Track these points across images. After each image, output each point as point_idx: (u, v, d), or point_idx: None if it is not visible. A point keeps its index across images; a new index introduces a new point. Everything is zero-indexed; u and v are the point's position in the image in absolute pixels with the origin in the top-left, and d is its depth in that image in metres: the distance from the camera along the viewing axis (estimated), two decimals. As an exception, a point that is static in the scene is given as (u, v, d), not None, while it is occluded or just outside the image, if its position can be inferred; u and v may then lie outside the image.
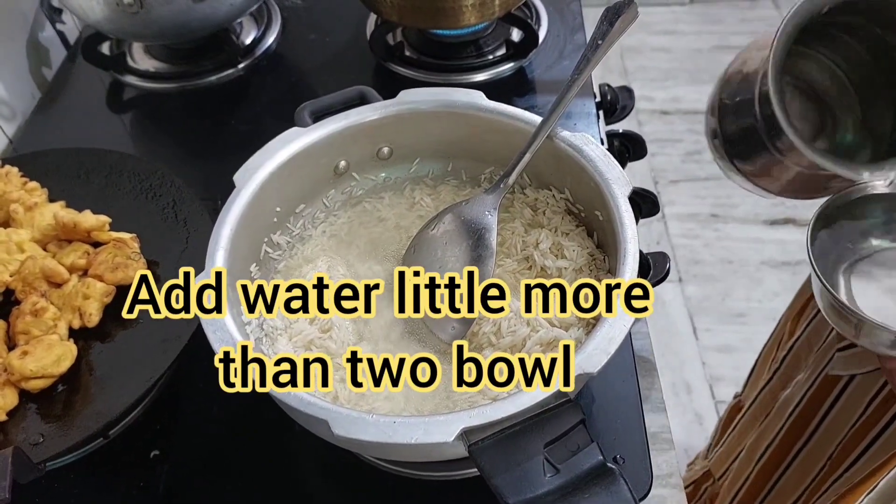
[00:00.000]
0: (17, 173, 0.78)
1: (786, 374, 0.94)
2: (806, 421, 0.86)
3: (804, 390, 0.86)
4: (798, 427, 0.87)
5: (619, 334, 0.51)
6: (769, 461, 0.94)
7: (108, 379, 0.66)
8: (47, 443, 0.61)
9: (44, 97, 1.06)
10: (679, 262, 2.09)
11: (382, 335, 0.63)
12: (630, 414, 0.67)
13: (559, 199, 0.68)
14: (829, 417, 0.83)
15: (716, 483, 1.12)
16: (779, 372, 0.96)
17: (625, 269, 0.54)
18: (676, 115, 2.49)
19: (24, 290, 0.70)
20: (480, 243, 0.62)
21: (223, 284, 0.56)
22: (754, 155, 0.69)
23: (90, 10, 0.92)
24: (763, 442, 0.95)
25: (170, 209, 0.77)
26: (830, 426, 0.83)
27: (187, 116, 1.02)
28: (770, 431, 0.93)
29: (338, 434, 0.47)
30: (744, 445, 1.02)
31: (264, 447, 0.67)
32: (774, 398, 0.94)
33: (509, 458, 0.46)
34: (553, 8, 1.11)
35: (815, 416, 0.85)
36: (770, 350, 1.02)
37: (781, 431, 0.90)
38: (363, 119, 0.68)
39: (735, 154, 0.71)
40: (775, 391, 0.95)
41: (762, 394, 1.00)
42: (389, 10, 0.95)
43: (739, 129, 0.69)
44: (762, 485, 0.96)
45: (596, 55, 0.63)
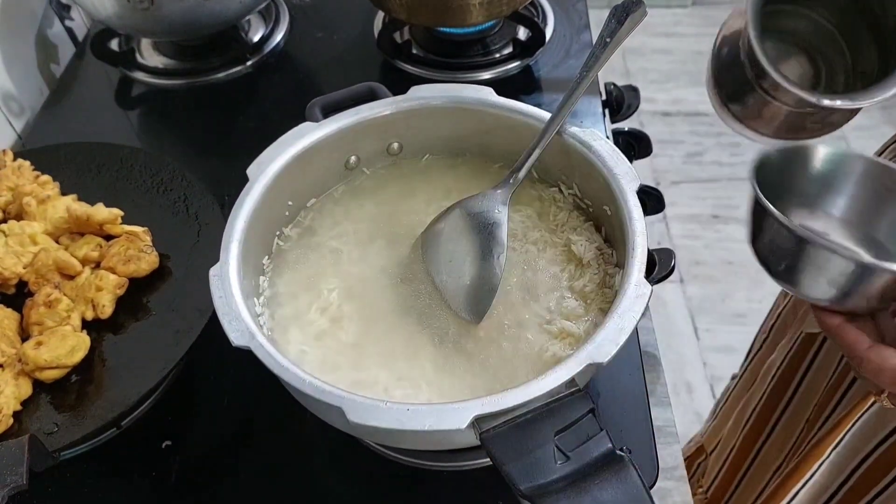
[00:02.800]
0: (30, 167, 0.79)
1: (773, 341, 0.94)
2: (786, 383, 0.86)
3: (786, 352, 0.86)
4: (779, 390, 0.87)
5: (628, 325, 0.51)
6: (752, 428, 0.94)
7: (120, 370, 0.67)
8: (61, 432, 0.62)
9: (52, 93, 1.07)
10: (680, 262, 2.10)
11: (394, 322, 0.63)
12: (636, 407, 0.68)
13: (567, 194, 0.69)
14: (806, 378, 0.83)
15: (708, 457, 1.12)
16: (767, 340, 0.96)
17: (633, 263, 0.55)
18: (678, 117, 2.50)
19: (38, 282, 0.70)
20: (491, 238, 0.63)
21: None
22: (748, 98, 0.70)
23: (101, 6, 0.93)
24: (748, 409, 0.95)
25: (181, 203, 0.77)
26: (808, 388, 0.83)
27: (195, 113, 1.03)
28: (755, 397, 0.93)
29: (353, 421, 0.48)
30: (733, 418, 1.02)
31: (275, 437, 0.68)
32: (762, 365, 0.94)
33: (520, 445, 0.47)
34: (559, 7, 1.12)
35: (794, 377, 0.84)
36: (766, 323, 1.02)
37: (764, 396, 0.90)
38: (374, 114, 0.69)
39: (730, 99, 0.73)
40: (763, 359, 0.95)
41: (752, 363, 1.00)
42: (397, 7, 0.96)
43: (733, 78, 0.71)
44: (747, 452, 0.96)
45: (605, 53, 0.64)
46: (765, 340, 0.97)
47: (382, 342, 0.61)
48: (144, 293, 0.72)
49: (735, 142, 2.37)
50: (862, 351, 0.52)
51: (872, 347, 0.52)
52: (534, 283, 0.64)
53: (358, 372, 0.59)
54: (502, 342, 0.61)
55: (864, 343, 0.52)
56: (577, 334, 0.60)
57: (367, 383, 0.58)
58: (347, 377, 0.59)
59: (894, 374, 0.50)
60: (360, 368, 0.59)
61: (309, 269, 0.67)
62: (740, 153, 2.35)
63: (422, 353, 0.60)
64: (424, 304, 0.64)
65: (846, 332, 0.54)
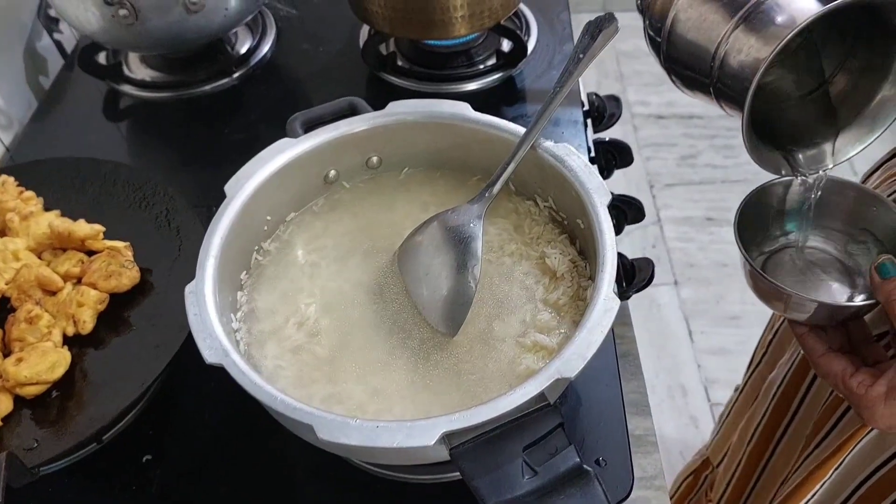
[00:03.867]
0: (14, 183, 0.80)
1: (773, 357, 0.95)
2: (789, 400, 0.87)
3: (786, 370, 0.87)
4: (782, 407, 0.89)
5: (596, 339, 0.52)
6: (758, 443, 0.95)
7: (101, 385, 0.67)
8: (41, 448, 0.62)
9: (41, 106, 1.07)
10: (674, 265, 2.10)
11: (370, 335, 0.64)
12: (613, 417, 0.69)
13: (543, 207, 0.70)
14: (809, 395, 0.84)
15: (714, 470, 1.13)
16: (766, 355, 0.97)
17: (603, 277, 0.56)
18: (671, 120, 2.50)
19: (20, 298, 0.71)
20: (466, 251, 0.64)
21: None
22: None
23: (86, 21, 0.94)
24: (752, 424, 0.96)
25: (163, 218, 0.78)
26: (810, 404, 0.84)
27: (183, 125, 1.04)
28: (758, 413, 0.94)
29: (322, 438, 0.49)
30: (737, 431, 1.03)
31: (255, 451, 0.69)
32: (763, 381, 0.96)
33: (489, 460, 0.48)
34: (543, 18, 1.12)
35: (797, 395, 0.86)
36: (764, 337, 1.04)
37: (767, 412, 0.92)
38: (352, 130, 0.70)
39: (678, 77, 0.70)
40: (763, 374, 0.96)
41: (752, 378, 1.02)
42: (381, 21, 0.96)
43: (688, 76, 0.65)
44: (754, 467, 0.97)
45: (578, 68, 0.65)
46: (763, 355, 0.98)
47: (358, 356, 0.62)
48: (126, 308, 0.72)
49: (728, 144, 2.38)
50: (815, 357, 0.60)
51: (823, 356, 0.59)
52: (509, 296, 0.65)
53: (333, 386, 0.60)
54: (477, 355, 0.61)
55: (817, 351, 0.60)
56: (551, 347, 0.60)
57: (342, 398, 0.59)
58: (322, 392, 0.59)
59: (834, 379, 0.58)
60: (336, 383, 0.60)
61: (287, 283, 0.67)
62: (734, 156, 2.36)
63: (397, 367, 0.61)
64: (401, 317, 0.64)
65: (805, 341, 0.61)
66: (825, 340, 0.60)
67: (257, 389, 0.51)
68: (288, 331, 0.63)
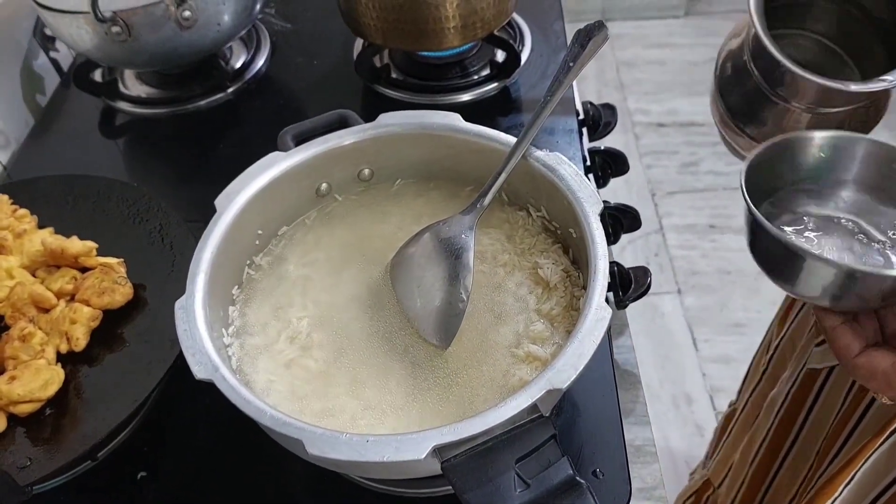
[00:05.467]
0: (8, 201, 0.80)
1: (773, 375, 0.94)
2: (792, 418, 0.86)
3: (788, 387, 0.86)
4: (785, 425, 0.87)
5: (588, 349, 0.51)
6: (761, 463, 0.94)
7: (95, 402, 0.67)
8: (35, 466, 0.62)
9: (38, 124, 1.08)
10: (677, 273, 2.10)
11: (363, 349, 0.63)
12: (610, 427, 0.68)
13: (536, 216, 0.70)
14: (813, 413, 0.83)
15: (716, 492, 1.12)
16: (767, 373, 0.96)
17: (595, 287, 0.55)
18: (672, 128, 2.50)
19: (13, 316, 0.71)
20: (458, 262, 0.63)
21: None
22: (763, 113, 0.69)
23: (80, 39, 0.94)
24: (755, 444, 0.95)
25: (156, 233, 0.78)
26: (815, 422, 0.83)
27: (178, 141, 1.04)
28: (760, 432, 0.93)
29: (312, 453, 0.48)
30: (739, 451, 1.02)
31: (250, 467, 0.68)
32: (764, 399, 0.95)
33: (481, 473, 0.47)
34: (537, 27, 1.12)
35: (800, 413, 0.84)
36: (760, 355, 1.03)
37: (770, 431, 0.90)
38: (343, 143, 0.70)
39: (746, 121, 0.71)
40: (765, 392, 0.95)
41: (753, 396, 1.01)
42: (374, 33, 0.97)
43: (743, 96, 0.69)
44: (758, 487, 0.96)
45: (568, 77, 0.65)
46: (763, 373, 0.97)
47: (351, 370, 0.61)
48: (119, 324, 0.72)
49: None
50: (850, 359, 0.52)
51: (862, 353, 0.52)
52: (502, 307, 0.64)
53: (325, 401, 0.59)
54: (470, 367, 0.61)
55: (853, 350, 0.52)
56: (544, 357, 0.60)
57: (335, 412, 0.58)
58: (315, 406, 0.59)
59: (885, 378, 0.50)
60: (328, 397, 0.60)
61: (280, 297, 0.67)
62: (735, 162, 2.31)
63: (390, 380, 0.60)
64: (394, 330, 0.64)
65: (838, 337, 0.53)
66: (861, 335, 0.53)
67: (246, 405, 0.51)
68: (280, 345, 0.63)
